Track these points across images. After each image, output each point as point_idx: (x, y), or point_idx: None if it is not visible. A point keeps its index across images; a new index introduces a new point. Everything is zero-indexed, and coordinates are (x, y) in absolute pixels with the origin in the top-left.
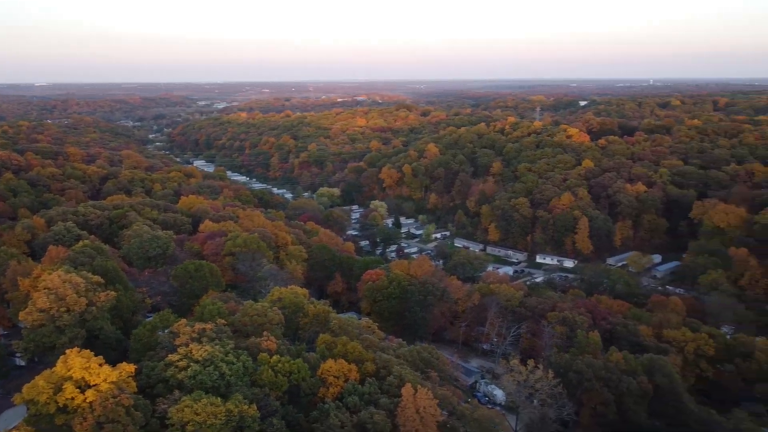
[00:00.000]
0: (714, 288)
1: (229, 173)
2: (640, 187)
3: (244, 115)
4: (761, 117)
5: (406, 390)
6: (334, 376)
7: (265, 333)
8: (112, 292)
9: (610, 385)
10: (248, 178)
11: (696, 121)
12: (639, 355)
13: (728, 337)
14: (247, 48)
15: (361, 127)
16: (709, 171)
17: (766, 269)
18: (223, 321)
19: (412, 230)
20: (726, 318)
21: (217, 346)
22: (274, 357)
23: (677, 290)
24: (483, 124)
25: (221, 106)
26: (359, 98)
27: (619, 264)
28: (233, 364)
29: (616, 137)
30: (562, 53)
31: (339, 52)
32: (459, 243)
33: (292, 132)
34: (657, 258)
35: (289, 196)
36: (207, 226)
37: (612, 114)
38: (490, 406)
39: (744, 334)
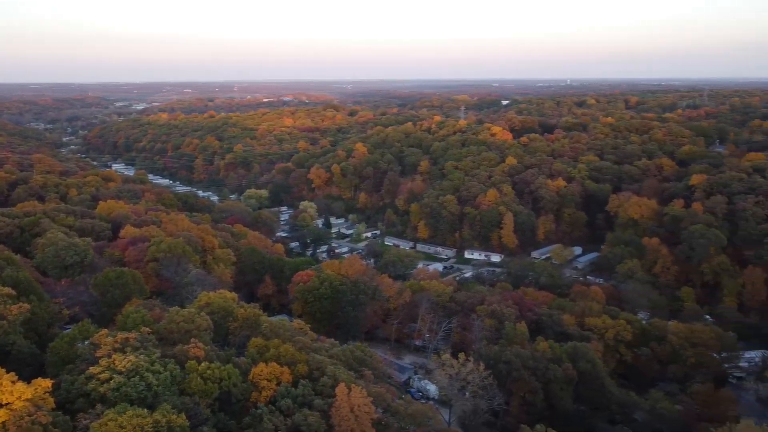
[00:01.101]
0: (630, 276)
1: (150, 176)
2: (561, 182)
3: (165, 116)
4: (668, 115)
5: (340, 389)
6: (267, 380)
7: (192, 340)
8: (26, 305)
9: (538, 373)
10: (171, 181)
11: (610, 119)
12: (563, 343)
13: (644, 322)
14: (167, 46)
15: (288, 127)
16: (623, 166)
17: (676, 257)
18: (147, 329)
19: (343, 230)
20: (641, 304)
21: (142, 356)
22: (203, 364)
23: (597, 280)
24: (410, 123)
25: (140, 107)
26: (285, 98)
27: (543, 257)
28: (160, 373)
29: (537, 135)
30: (485, 54)
31: (264, 53)
32: (389, 241)
33: (216, 133)
34: (578, 250)
35: (215, 198)
36: (128, 231)
37: (533, 113)
38: (423, 401)
39: (658, 318)
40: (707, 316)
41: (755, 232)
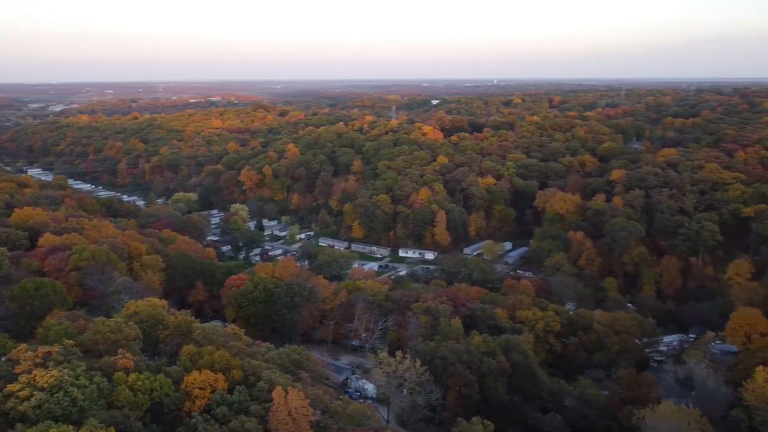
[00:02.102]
0: (557, 269)
1: (71, 181)
2: (490, 180)
3: (85, 117)
4: (588, 113)
5: (277, 393)
6: (200, 388)
7: (120, 350)
8: None
9: (473, 367)
10: (94, 186)
11: (535, 117)
12: (497, 337)
13: (571, 312)
14: (85, 45)
15: (216, 128)
16: (549, 163)
17: (599, 249)
18: (71, 342)
19: (276, 232)
20: (569, 295)
21: (66, 370)
22: (132, 375)
23: (527, 273)
24: (341, 123)
25: (58, 108)
26: (213, 99)
27: (475, 253)
28: (86, 387)
29: (467, 134)
30: (414, 55)
31: (190, 51)
32: (324, 242)
33: (141, 135)
34: (508, 245)
35: (141, 203)
36: (47, 240)
37: (462, 112)
38: (362, 401)
39: (584, 308)
40: (629, 305)
41: (670, 223)
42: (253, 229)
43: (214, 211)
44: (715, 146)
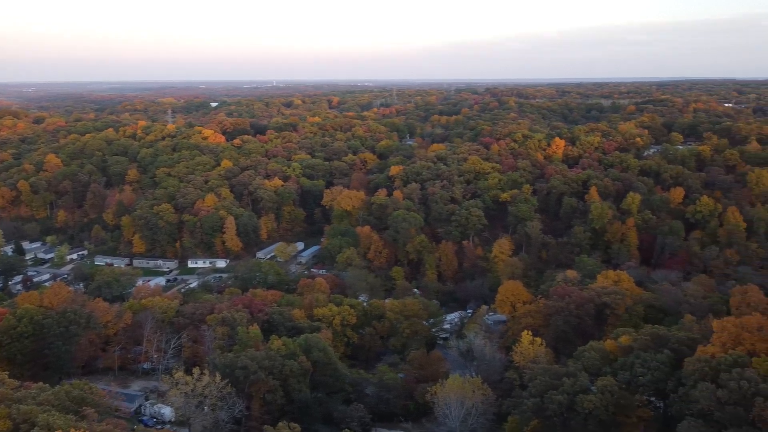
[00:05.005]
0: (349, 264)
1: None
2: (277, 181)
3: None
4: (366, 113)
5: None
6: None
7: None
8: None
9: (275, 371)
10: None
11: (317, 118)
12: (296, 337)
13: (365, 304)
14: None
15: None
16: (333, 162)
17: (385, 241)
18: None
19: (40, 255)
20: (361, 288)
21: None
22: None
23: (320, 271)
24: (111, 129)
25: None
26: None
27: (268, 256)
28: None
29: (250, 136)
30: (189, 55)
31: None
32: (100, 261)
33: None
34: (300, 245)
35: None
36: None
37: (243, 114)
38: (159, 427)
39: (376, 299)
40: (415, 290)
41: (443, 211)
42: (10, 254)
43: None
44: (475, 140)
